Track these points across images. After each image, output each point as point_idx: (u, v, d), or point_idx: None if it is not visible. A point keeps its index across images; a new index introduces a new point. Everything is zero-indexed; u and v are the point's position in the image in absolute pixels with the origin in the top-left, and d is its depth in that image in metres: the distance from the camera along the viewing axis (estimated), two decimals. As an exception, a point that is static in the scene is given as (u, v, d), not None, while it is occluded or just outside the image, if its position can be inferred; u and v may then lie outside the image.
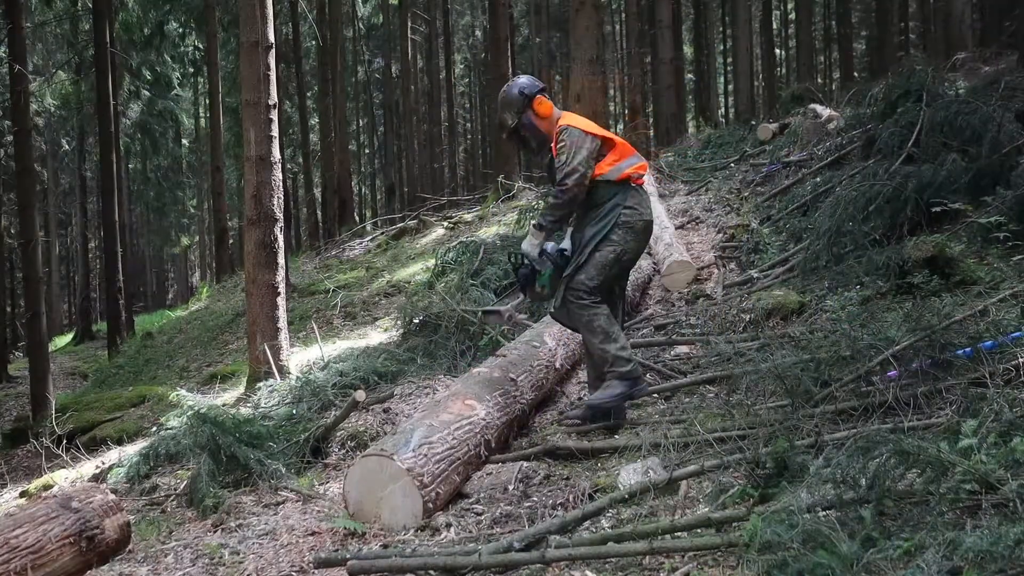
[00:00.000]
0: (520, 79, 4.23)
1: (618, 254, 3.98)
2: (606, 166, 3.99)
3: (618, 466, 3.40)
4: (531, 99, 4.13)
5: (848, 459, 2.45)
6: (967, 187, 5.48)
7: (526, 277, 4.16)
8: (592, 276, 3.96)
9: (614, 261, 3.98)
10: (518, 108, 4.13)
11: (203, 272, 42.05)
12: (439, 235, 13.92)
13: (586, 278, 3.96)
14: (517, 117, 4.13)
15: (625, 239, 3.98)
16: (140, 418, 7.82)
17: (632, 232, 3.99)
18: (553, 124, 4.11)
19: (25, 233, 12.04)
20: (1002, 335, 3.28)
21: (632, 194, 4.03)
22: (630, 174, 4.03)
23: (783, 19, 32.49)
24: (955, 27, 15.07)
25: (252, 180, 6.62)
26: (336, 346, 7.92)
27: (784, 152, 10.34)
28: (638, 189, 4.09)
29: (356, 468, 3.33)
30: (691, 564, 2.40)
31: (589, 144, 3.96)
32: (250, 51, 6.64)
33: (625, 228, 3.98)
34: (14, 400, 15.25)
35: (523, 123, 4.14)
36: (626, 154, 4.06)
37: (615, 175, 4.00)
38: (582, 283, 3.96)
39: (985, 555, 1.85)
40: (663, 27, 18.66)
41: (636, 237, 4.02)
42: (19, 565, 2.91)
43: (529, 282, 4.17)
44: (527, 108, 4.13)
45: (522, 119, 4.13)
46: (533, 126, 4.14)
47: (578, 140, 3.95)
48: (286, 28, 23.23)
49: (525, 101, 4.13)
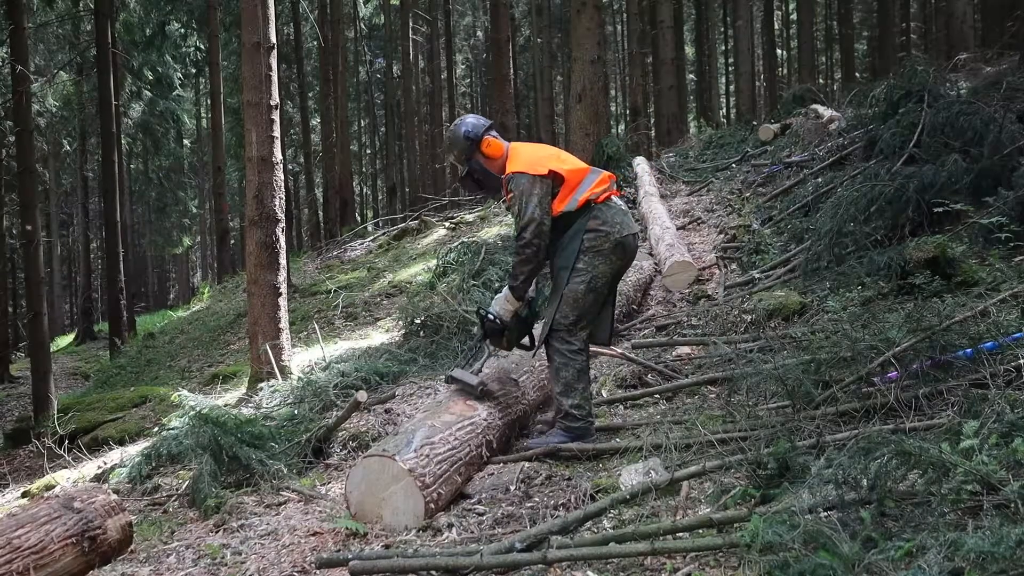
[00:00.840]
0: (466, 120, 3.99)
1: (588, 283, 3.75)
2: (560, 204, 3.76)
3: (620, 467, 3.41)
4: (478, 142, 3.90)
5: (849, 460, 2.46)
6: (968, 188, 5.48)
7: (493, 332, 3.91)
8: (567, 314, 3.76)
9: (586, 291, 3.75)
10: (466, 152, 3.92)
11: (204, 272, 42.11)
12: (440, 235, 13.93)
13: (561, 317, 3.76)
14: (466, 162, 3.93)
15: (593, 264, 3.75)
16: (142, 418, 7.83)
17: (600, 255, 3.76)
18: (504, 162, 3.88)
19: (27, 233, 12.03)
20: (1003, 336, 3.28)
21: (595, 215, 3.78)
22: (588, 198, 3.78)
23: (784, 19, 32.49)
24: (956, 27, 15.07)
25: (254, 181, 6.63)
26: (337, 346, 7.93)
27: (785, 153, 10.34)
28: (603, 207, 3.81)
29: (358, 469, 3.33)
30: (693, 565, 2.40)
31: (539, 188, 3.70)
32: (252, 52, 6.65)
33: (592, 253, 3.75)
34: (16, 400, 15.27)
35: (472, 167, 3.92)
36: (577, 181, 3.80)
37: (573, 206, 3.77)
38: (559, 323, 3.77)
39: (986, 556, 1.85)
40: (664, 27, 18.68)
41: (606, 259, 3.77)
42: (21, 565, 2.92)
43: (495, 337, 3.93)
44: (475, 151, 3.91)
45: (471, 163, 3.92)
46: (484, 169, 3.92)
47: (527, 187, 3.69)
48: (287, 29, 23.28)
49: (471, 145, 3.90)
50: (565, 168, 3.80)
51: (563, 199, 3.76)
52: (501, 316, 3.85)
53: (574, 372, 3.77)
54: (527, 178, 3.71)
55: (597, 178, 3.86)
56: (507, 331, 3.88)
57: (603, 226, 3.76)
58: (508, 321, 3.86)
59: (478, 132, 3.91)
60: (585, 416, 3.78)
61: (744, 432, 3.23)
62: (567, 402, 3.76)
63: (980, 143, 5.75)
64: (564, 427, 3.80)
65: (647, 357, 5.10)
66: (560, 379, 3.79)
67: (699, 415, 3.79)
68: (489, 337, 3.95)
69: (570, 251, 3.77)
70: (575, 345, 3.78)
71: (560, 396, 3.79)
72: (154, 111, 23.18)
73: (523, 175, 3.72)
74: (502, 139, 3.96)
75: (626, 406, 4.41)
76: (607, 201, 3.84)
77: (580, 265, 3.75)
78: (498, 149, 3.90)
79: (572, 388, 3.76)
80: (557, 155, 3.92)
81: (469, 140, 3.90)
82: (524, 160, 3.81)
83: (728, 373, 4.25)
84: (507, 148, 3.93)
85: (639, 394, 4.49)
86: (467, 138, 3.90)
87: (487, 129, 3.94)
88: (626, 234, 3.81)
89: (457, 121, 4.02)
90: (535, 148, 4.00)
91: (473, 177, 3.97)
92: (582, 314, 3.78)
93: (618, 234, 3.77)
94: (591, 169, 3.89)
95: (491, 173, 3.91)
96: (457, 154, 3.96)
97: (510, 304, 3.83)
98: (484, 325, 3.91)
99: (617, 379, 4.83)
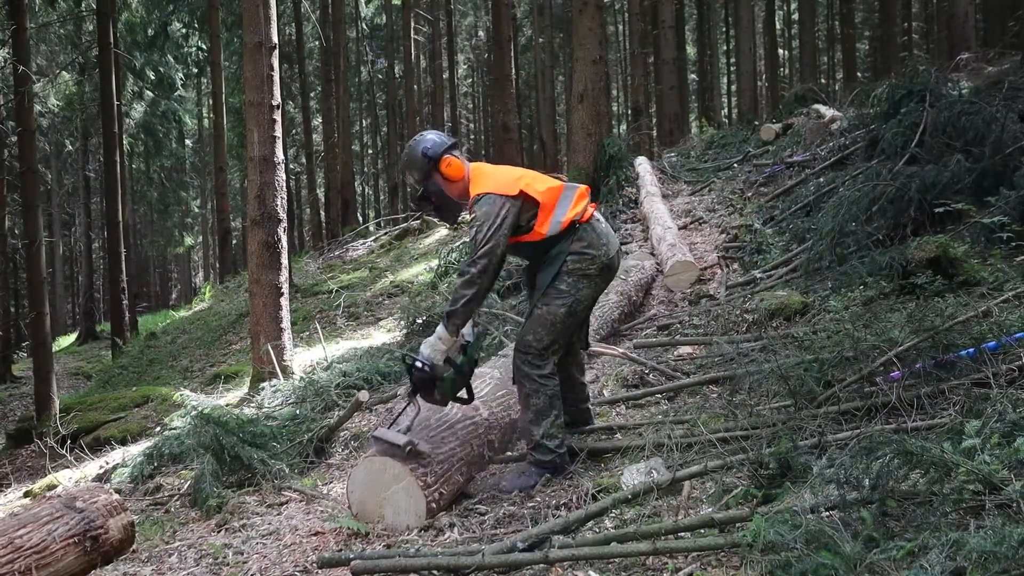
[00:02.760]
0: (427, 136, 3.64)
1: (570, 307, 3.48)
2: (542, 227, 3.48)
3: (621, 466, 3.41)
4: (436, 161, 3.56)
5: (851, 460, 2.45)
6: (970, 188, 5.48)
7: (423, 382, 3.39)
8: (541, 337, 3.47)
9: (566, 315, 3.48)
10: (423, 172, 3.58)
11: (206, 272, 42.16)
12: (442, 236, 13.93)
13: (535, 340, 3.47)
14: (423, 182, 3.59)
15: (577, 287, 3.49)
16: (144, 418, 7.84)
17: (586, 278, 3.50)
18: (466, 185, 3.57)
19: (29, 233, 12.06)
20: (1005, 336, 3.28)
21: (580, 236, 3.51)
22: (572, 218, 3.50)
23: (786, 19, 32.46)
24: (959, 27, 15.06)
25: (255, 181, 6.64)
26: (339, 346, 7.94)
27: (787, 152, 10.33)
28: (588, 227, 3.54)
29: (359, 468, 3.33)
30: (694, 564, 2.40)
31: (508, 210, 3.40)
32: (253, 52, 6.65)
33: (576, 275, 3.49)
34: (18, 400, 15.31)
35: (430, 189, 3.59)
36: (553, 202, 3.52)
37: (556, 229, 3.48)
38: (530, 345, 3.48)
39: (988, 556, 1.85)
40: (666, 27, 18.67)
41: (591, 282, 3.52)
42: (24, 565, 2.93)
43: (426, 388, 3.40)
44: (433, 172, 3.56)
45: (428, 185, 3.58)
46: (442, 193, 3.59)
47: (495, 208, 3.38)
48: (289, 29, 23.29)
49: (430, 164, 3.56)
50: (539, 189, 3.51)
51: (543, 222, 3.49)
52: (432, 361, 3.35)
53: (546, 399, 3.48)
54: (497, 199, 3.40)
55: (575, 195, 3.57)
56: (439, 381, 3.38)
57: (589, 248, 3.51)
58: (440, 368, 3.37)
59: (437, 151, 3.56)
60: (557, 447, 3.50)
61: (746, 432, 3.23)
62: (538, 432, 3.48)
63: (982, 143, 5.74)
64: (535, 461, 3.51)
65: (649, 357, 5.10)
66: (531, 406, 3.50)
67: (701, 415, 3.78)
68: (420, 389, 3.42)
69: (548, 273, 3.51)
70: (545, 370, 3.49)
71: (531, 425, 3.50)
72: (156, 111, 23.24)
73: (492, 195, 3.42)
74: (464, 159, 3.63)
75: (628, 406, 4.41)
76: (592, 220, 3.58)
77: (563, 287, 3.48)
78: (459, 171, 3.55)
79: (543, 416, 3.48)
80: (526, 175, 3.59)
81: (428, 158, 3.56)
82: (492, 181, 3.51)
83: (730, 372, 4.24)
84: (468, 170, 3.60)
85: (641, 394, 4.49)
86: (425, 156, 3.57)
87: (448, 148, 3.60)
88: (612, 255, 3.58)
89: (417, 137, 3.69)
90: (503, 169, 3.72)
91: (430, 200, 3.64)
92: (557, 338, 3.50)
93: (605, 256, 3.53)
94: (565, 185, 3.61)
95: (450, 197, 3.60)
96: (414, 174, 3.62)
97: (443, 343, 3.37)
98: (412, 374, 3.40)
99: (619, 379, 4.83)
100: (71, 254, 37.92)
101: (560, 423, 3.54)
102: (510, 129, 17.44)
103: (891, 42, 22.81)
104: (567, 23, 24.79)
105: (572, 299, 3.48)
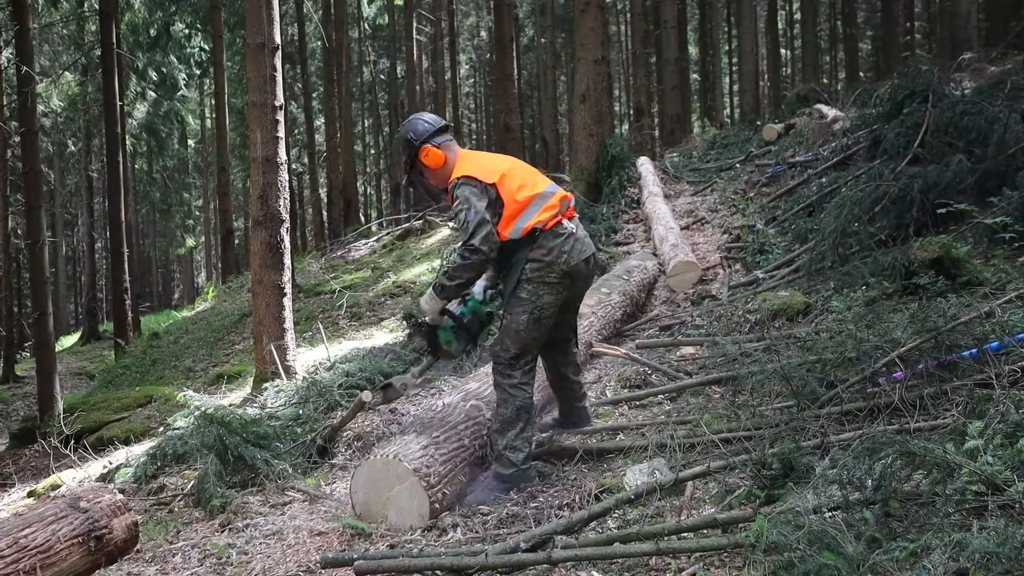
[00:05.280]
0: (422, 118, 3.59)
1: (531, 313, 3.40)
2: (504, 230, 3.41)
3: (624, 467, 3.41)
4: (417, 149, 3.50)
5: (854, 460, 2.46)
6: (973, 188, 5.48)
7: (428, 335, 3.61)
8: (508, 347, 3.44)
9: (528, 323, 3.41)
10: (407, 158, 3.53)
11: (209, 272, 42.18)
12: (444, 236, 13.93)
13: (501, 349, 3.46)
14: (406, 170, 3.55)
15: (537, 294, 3.41)
16: (147, 418, 7.85)
17: (545, 285, 3.41)
18: (449, 171, 3.51)
19: (32, 234, 12.07)
20: (1008, 336, 3.28)
21: (540, 243, 3.42)
22: (533, 226, 3.41)
23: (788, 19, 32.42)
24: (961, 27, 15.05)
25: (258, 181, 6.64)
26: (342, 346, 7.94)
27: (789, 153, 10.33)
28: (549, 234, 3.44)
29: (363, 469, 3.34)
30: (697, 565, 2.41)
31: (486, 191, 3.39)
32: (256, 52, 6.66)
33: (535, 283, 3.41)
34: (21, 400, 15.34)
35: (412, 179, 3.57)
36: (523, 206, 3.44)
37: (517, 234, 3.42)
38: (499, 355, 3.47)
39: (991, 556, 1.85)
40: (668, 27, 18.68)
41: (552, 290, 3.43)
42: (28, 565, 2.93)
43: (432, 339, 3.62)
44: (415, 161, 3.53)
45: (411, 175, 3.56)
46: (422, 179, 3.57)
47: (474, 192, 3.36)
48: (291, 29, 23.29)
49: (412, 151, 3.52)
50: (512, 192, 3.44)
51: (506, 225, 3.42)
52: (427, 314, 3.52)
53: (513, 409, 3.42)
54: (476, 184, 3.38)
55: (546, 203, 3.48)
56: (440, 331, 3.58)
57: (547, 256, 3.42)
58: (437, 319, 3.53)
59: (420, 138, 3.52)
60: (520, 461, 3.42)
61: (748, 432, 3.24)
62: (501, 442, 3.43)
63: (984, 143, 5.74)
64: (496, 474, 3.47)
65: (651, 357, 5.10)
66: (498, 415, 3.46)
67: (703, 415, 3.79)
68: (426, 341, 3.62)
69: (510, 282, 3.47)
70: (514, 379, 3.45)
71: (495, 434, 3.46)
72: (158, 112, 23.25)
73: (470, 180, 3.39)
74: (451, 146, 3.57)
75: (630, 406, 4.41)
76: (555, 227, 3.47)
77: (523, 295, 3.43)
78: (437, 159, 3.51)
79: (509, 427, 3.42)
80: (513, 174, 3.51)
81: (410, 144, 3.53)
82: (472, 165, 3.48)
83: (732, 373, 4.24)
84: (453, 157, 3.54)
85: (643, 394, 4.49)
86: (408, 141, 3.54)
87: (433, 134, 3.54)
88: (575, 263, 3.46)
89: (412, 117, 3.64)
90: (492, 156, 3.70)
91: (411, 182, 3.64)
92: (525, 347, 3.45)
93: (565, 264, 3.43)
94: (541, 193, 3.50)
95: (431, 188, 3.58)
96: (402, 156, 3.59)
97: (435, 302, 3.48)
98: (418, 329, 3.67)
99: (621, 379, 4.83)
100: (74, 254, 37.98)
101: (527, 436, 3.48)
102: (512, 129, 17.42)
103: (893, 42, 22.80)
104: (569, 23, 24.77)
105: (533, 306, 3.42)
